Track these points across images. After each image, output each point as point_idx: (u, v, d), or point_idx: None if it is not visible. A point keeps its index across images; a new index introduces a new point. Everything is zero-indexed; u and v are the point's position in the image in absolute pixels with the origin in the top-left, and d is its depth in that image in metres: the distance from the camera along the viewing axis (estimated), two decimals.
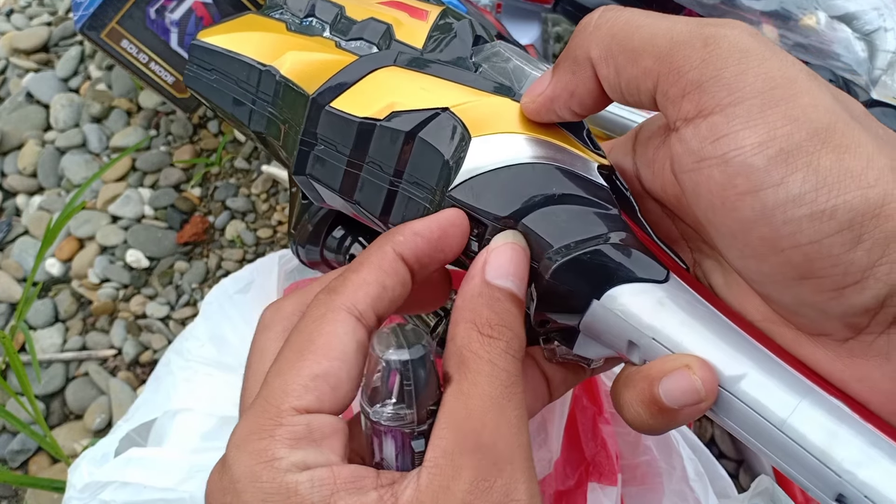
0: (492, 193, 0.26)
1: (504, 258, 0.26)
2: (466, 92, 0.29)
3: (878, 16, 0.47)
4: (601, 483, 0.40)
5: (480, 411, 0.24)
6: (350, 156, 0.29)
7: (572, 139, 0.28)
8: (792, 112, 0.22)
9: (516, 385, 0.24)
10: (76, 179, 0.68)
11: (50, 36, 0.77)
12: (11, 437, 0.58)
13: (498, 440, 0.23)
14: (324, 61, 0.31)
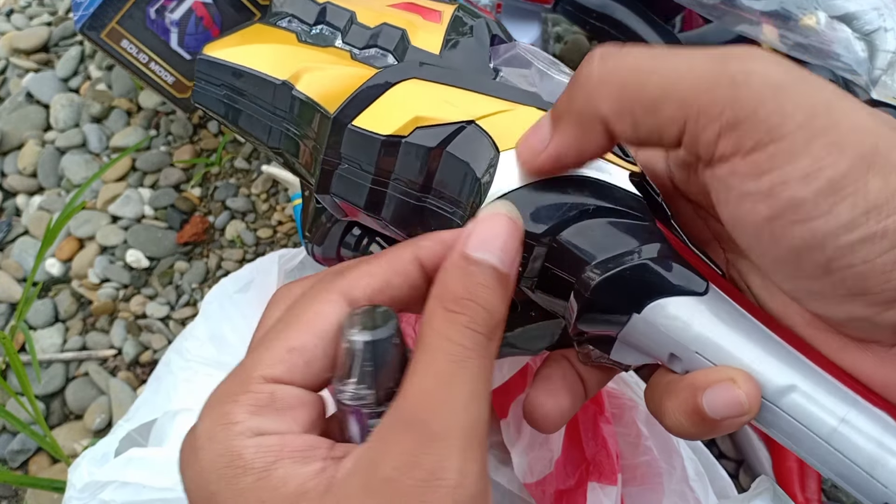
0: (524, 211, 0.26)
1: (489, 231, 0.25)
2: (491, 102, 0.28)
3: (878, 16, 0.47)
4: (601, 482, 0.40)
5: (423, 388, 0.23)
6: (375, 173, 0.29)
7: None
8: (834, 140, 0.22)
9: (470, 360, 0.24)
10: (76, 179, 0.68)
11: (50, 36, 0.77)
12: (11, 437, 0.58)
13: (435, 416, 0.23)
14: (341, 76, 0.30)
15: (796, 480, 0.49)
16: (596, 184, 0.26)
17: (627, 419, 0.42)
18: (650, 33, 0.54)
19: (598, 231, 0.26)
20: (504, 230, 0.25)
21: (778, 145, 0.22)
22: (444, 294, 0.25)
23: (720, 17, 0.50)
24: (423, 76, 0.29)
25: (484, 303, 0.24)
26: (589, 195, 0.26)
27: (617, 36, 0.56)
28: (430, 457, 0.22)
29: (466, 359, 0.23)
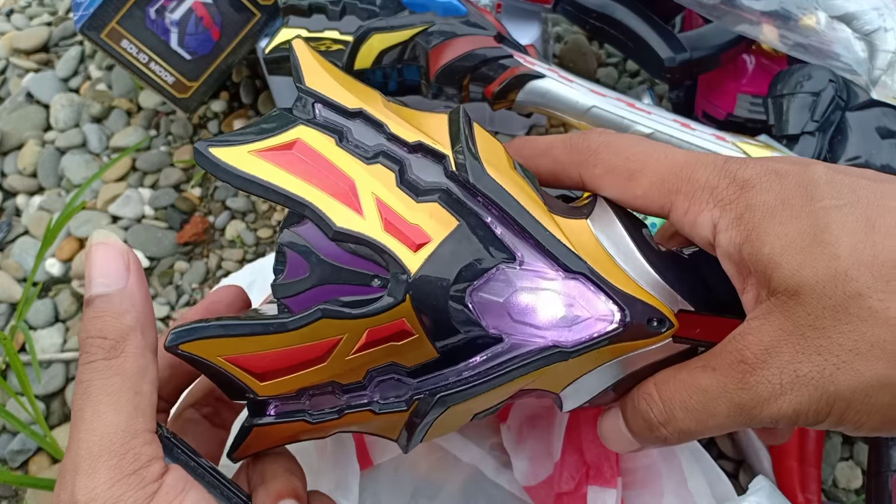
0: None
1: (89, 269, 0.28)
2: (526, 378, 0.31)
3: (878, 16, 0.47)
4: (601, 486, 0.40)
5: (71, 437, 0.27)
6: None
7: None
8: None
9: (92, 386, 0.27)
10: (76, 179, 0.68)
11: (50, 36, 0.77)
12: (11, 437, 0.58)
13: (67, 453, 0.26)
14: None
15: (796, 480, 0.49)
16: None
17: None
18: (650, 33, 0.54)
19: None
20: (98, 257, 0.29)
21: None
22: (80, 338, 0.28)
23: (720, 17, 0.50)
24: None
25: (96, 332, 0.27)
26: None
27: (617, 36, 0.56)
28: (64, 491, 0.26)
29: (87, 389, 0.27)
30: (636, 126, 0.49)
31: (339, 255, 0.29)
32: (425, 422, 0.31)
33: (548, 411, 0.43)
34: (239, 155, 0.29)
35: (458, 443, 0.45)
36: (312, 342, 0.29)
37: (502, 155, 0.33)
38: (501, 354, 0.30)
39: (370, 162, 0.31)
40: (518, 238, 0.30)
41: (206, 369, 0.30)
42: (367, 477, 0.44)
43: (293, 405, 0.31)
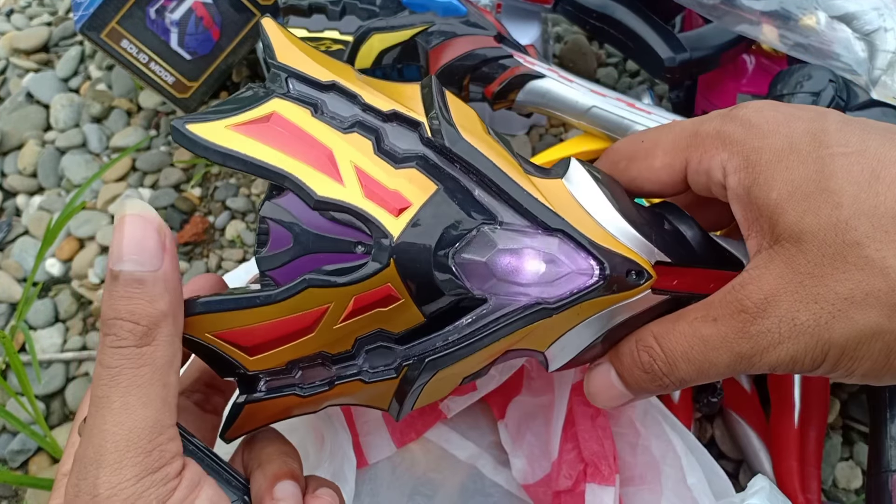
0: None
1: (121, 238, 0.26)
2: (512, 337, 0.31)
3: (878, 16, 0.47)
4: (599, 483, 0.40)
5: (88, 423, 0.26)
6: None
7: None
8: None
9: (120, 376, 0.25)
10: (76, 179, 0.68)
11: (50, 36, 0.77)
12: (11, 437, 0.58)
13: (90, 444, 0.25)
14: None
15: (796, 480, 0.49)
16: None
17: (625, 419, 0.42)
18: (650, 33, 0.54)
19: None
20: (133, 230, 0.27)
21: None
22: (101, 319, 0.26)
23: (720, 17, 0.50)
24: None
25: (128, 315, 0.26)
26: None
27: (617, 36, 0.56)
28: (86, 482, 0.25)
29: (115, 376, 0.25)
30: (636, 126, 0.49)
31: (321, 225, 0.29)
32: (415, 387, 0.31)
33: (546, 409, 0.43)
34: (216, 130, 0.29)
35: (456, 441, 0.45)
36: (299, 313, 0.29)
37: (476, 120, 0.33)
38: (487, 315, 0.30)
39: (346, 131, 0.31)
40: (496, 199, 0.31)
41: (196, 347, 0.29)
42: (365, 475, 0.44)
43: (283, 379, 0.31)
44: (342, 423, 0.40)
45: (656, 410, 0.41)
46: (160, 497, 0.25)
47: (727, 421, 0.53)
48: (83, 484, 0.25)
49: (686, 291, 0.32)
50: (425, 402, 0.33)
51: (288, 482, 0.30)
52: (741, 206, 0.30)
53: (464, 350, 0.30)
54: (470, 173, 0.31)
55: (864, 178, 0.27)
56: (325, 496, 0.31)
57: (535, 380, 0.43)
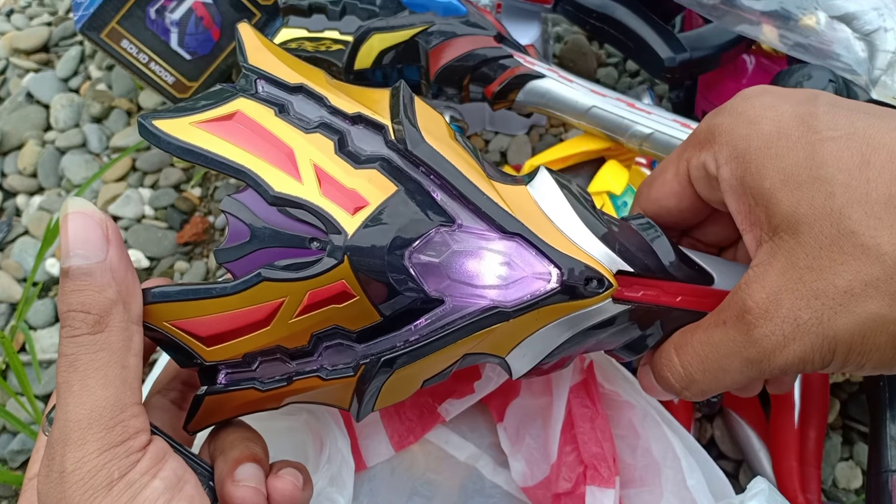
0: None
1: (65, 237, 0.28)
2: (470, 340, 0.32)
3: (878, 16, 0.47)
4: (599, 486, 0.40)
5: (58, 407, 0.27)
6: None
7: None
8: None
9: (78, 362, 0.27)
10: (76, 179, 0.68)
11: (50, 36, 0.77)
12: (11, 437, 0.58)
13: (55, 426, 0.26)
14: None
15: (796, 480, 0.49)
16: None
17: (625, 421, 0.42)
18: (650, 34, 0.54)
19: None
20: (76, 227, 0.28)
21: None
22: (59, 314, 0.28)
23: (720, 17, 0.50)
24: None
25: (79, 306, 0.27)
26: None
27: (617, 36, 0.55)
28: (53, 461, 0.26)
29: (73, 363, 0.27)
30: (636, 126, 0.49)
31: (278, 220, 0.30)
32: (372, 386, 0.31)
33: (544, 411, 0.43)
34: (180, 126, 0.30)
35: (455, 442, 0.45)
36: (255, 306, 0.29)
37: (442, 126, 0.33)
38: (444, 317, 0.30)
39: (309, 131, 0.31)
40: (457, 203, 0.31)
41: (154, 335, 0.30)
42: (364, 477, 0.44)
43: (243, 373, 0.31)
44: (341, 427, 0.40)
45: (656, 412, 0.41)
46: (122, 468, 0.26)
47: (727, 421, 0.53)
48: (53, 464, 0.26)
49: (651, 303, 0.33)
50: (386, 402, 0.33)
51: (249, 464, 0.31)
52: (735, 198, 0.30)
53: (421, 350, 0.30)
54: (431, 176, 0.31)
55: (855, 164, 0.26)
56: (287, 476, 0.31)
57: (534, 382, 0.43)
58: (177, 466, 0.28)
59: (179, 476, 0.28)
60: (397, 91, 0.33)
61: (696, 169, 0.32)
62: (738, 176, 0.29)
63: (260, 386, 0.31)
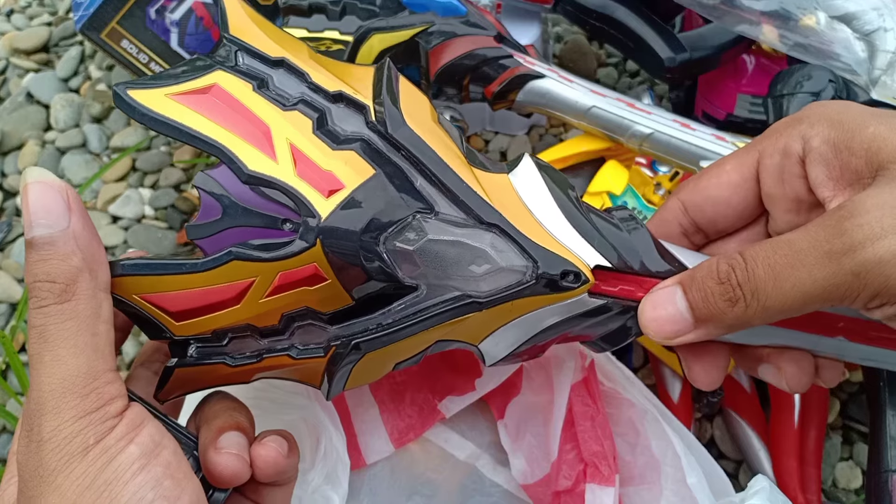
0: None
1: (27, 208, 0.28)
2: (442, 328, 0.31)
3: (878, 16, 0.47)
4: (599, 484, 0.40)
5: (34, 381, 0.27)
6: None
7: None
8: None
9: (47, 332, 0.27)
10: (76, 179, 0.68)
11: (50, 36, 0.77)
12: (11, 437, 0.58)
13: (29, 397, 0.27)
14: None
15: (796, 480, 0.49)
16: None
17: (625, 419, 0.42)
18: (650, 34, 0.54)
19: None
20: (37, 196, 0.27)
21: None
22: (27, 286, 0.28)
23: (720, 17, 0.50)
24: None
25: (44, 276, 0.27)
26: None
27: (617, 36, 0.56)
28: (31, 432, 0.26)
29: (42, 334, 0.27)
30: (636, 126, 0.49)
31: (252, 199, 0.30)
32: (343, 368, 0.31)
33: (545, 409, 0.43)
34: (155, 97, 0.30)
35: (455, 441, 0.45)
36: (224, 284, 0.29)
37: (426, 108, 0.33)
38: (417, 303, 0.30)
39: (287, 108, 0.31)
40: (435, 189, 0.31)
41: (124, 307, 0.30)
42: (364, 476, 0.44)
43: (213, 348, 0.31)
44: (337, 424, 0.40)
45: (656, 410, 0.41)
46: (98, 434, 0.26)
47: (727, 421, 0.53)
48: (31, 434, 0.26)
49: (627, 298, 0.32)
50: (357, 383, 0.33)
51: (232, 433, 0.31)
52: (824, 165, 0.30)
53: (393, 336, 0.30)
54: (411, 161, 0.31)
55: None
56: (270, 444, 0.31)
57: (535, 380, 0.43)
58: (154, 432, 0.28)
59: (157, 442, 0.28)
60: (381, 68, 0.33)
61: (771, 156, 0.32)
62: (833, 139, 0.29)
63: (230, 361, 0.31)
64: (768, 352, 0.34)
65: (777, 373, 0.34)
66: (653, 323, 0.31)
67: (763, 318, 0.29)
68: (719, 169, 0.34)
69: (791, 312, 0.28)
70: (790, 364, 0.33)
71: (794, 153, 0.31)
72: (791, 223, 0.33)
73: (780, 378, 0.34)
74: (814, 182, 0.30)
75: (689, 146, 0.48)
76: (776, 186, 0.32)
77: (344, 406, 0.43)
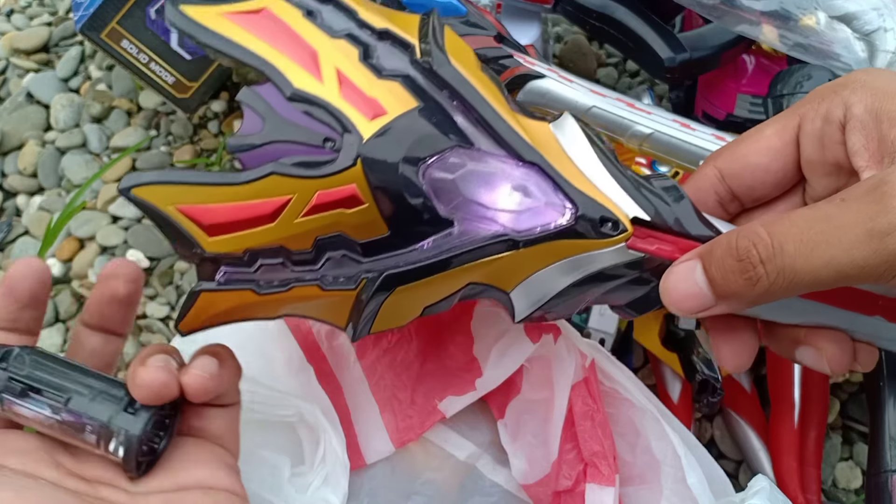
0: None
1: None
2: (476, 267, 0.31)
3: (878, 16, 0.47)
4: (599, 484, 0.40)
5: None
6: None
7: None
8: None
9: None
10: (76, 179, 0.68)
11: (50, 36, 0.77)
12: None
13: None
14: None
15: (796, 480, 0.49)
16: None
17: (625, 419, 0.42)
18: (650, 34, 0.54)
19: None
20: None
21: None
22: None
23: (720, 17, 0.50)
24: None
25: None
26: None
27: (617, 36, 0.56)
28: None
29: None
30: (636, 126, 0.49)
31: (295, 117, 0.30)
32: (372, 304, 0.31)
33: (545, 409, 0.43)
34: (208, 14, 0.30)
35: (455, 441, 0.45)
36: (261, 199, 0.29)
37: (471, 56, 0.33)
38: (452, 239, 0.30)
39: (335, 36, 0.31)
40: (477, 129, 0.31)
41: (157, 218, 0.29)
42: (363, 476, 0.44)
43: (243, 274, 0.31)
44: (336, 426, 0.40)
45: (656, 410, 0.41)
46: None
47: (727, 421, 0.53)
48: None
49: (665, 258, 0.31)
50: (383, 326, 0.32)
51: (160, 354, 0.31)
52: (864, 134, 0.29)
53: (425, 270, 0.30)
54: (454, 99, 0.31)
55: None
56: (199, 362, 0.32)
57: (535, 379, 0.43)
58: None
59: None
60: (427, 16, 0.33)
61: (812, 121, 0.31)
62: (875, 108, 0.29)
63: (257, 289, 0.31)
64: (805, 333, 0.33)
65: (817, 354, 0.32)
66: (673, 297, 0.30)
67: (788, 293, 0.28)
68: (758, 134, 0.33)
69: (818, 287, 0.27)
70: (830, 344, 0.32)
71: (835, 119, 0.30)
72: (829, 189, 0.32)
73: (821, 359, 0.32)
74: (851, 150, 0.30)
75: (689, 146, 0.48)
76: (816, 152, 0.32)
77: (344, 406, 0.43)
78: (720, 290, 0.29)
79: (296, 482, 0.39)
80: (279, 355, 0.43)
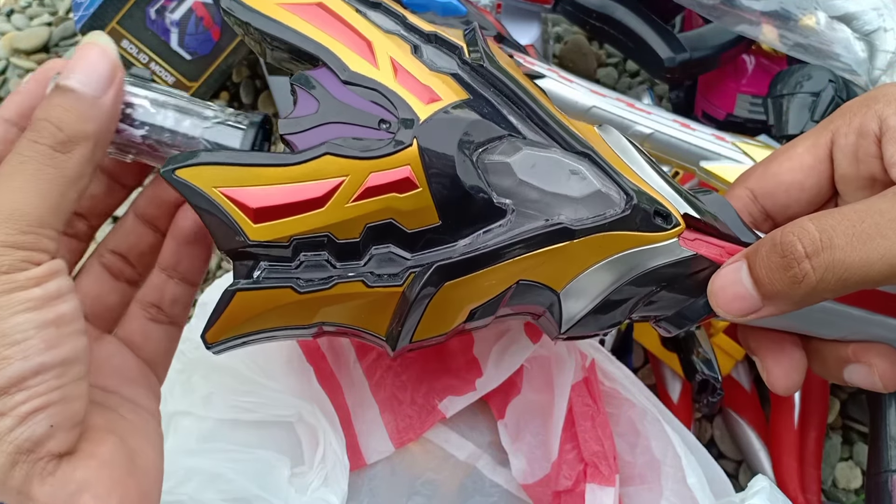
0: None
1: (77, 60, 0.28)
2: (528, 260, 0.30)
3: (877, 16, 0.47)
4: (599, 484, 0.40)
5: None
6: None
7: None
8: None
9: (26, 163, 0.26)
10: None
11: (50, 36, 0.77)
12: None
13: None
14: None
15: (797, 480, 0.49)
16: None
17: (625, 419, 0.42)
18: (650, 34, 0.54)
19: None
20: (90, 56, 0.28)
21: None
22: (30, 123, 0.27)
23: (720, 17, 0.50)
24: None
25: (55, 120, 0.27)
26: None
27: (617, 36, 0.56)
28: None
29: (23, 162, 0.26)
30: (636, 126, 0.49)
31: (350, 99, 0.30)
32: (418, 299, 0.29)
33: (545, 409, 0.43)
34: (265, 3, 0.31)
35: (455, 441, 0.45)
36: (314, 182, 0.28)
37: (513, 63, 0.34)
38: (506, 230, 0.29)
39: (387, 31, 0.32)
40: (526, 123, 0.31)
41: (200, 202, 0.28)
42: (364, 476, 0.44)
43: (284, 269, 0.29)
44: (336, 427, 0.40)
45: (656, 410, 0.41)
46: (10, 266, 0.25)
47: (727, 421, 0.53)
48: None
49: (713, 260, 0.30)
50: (426, 333, 0.31)
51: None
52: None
53: (476, 262, 0.29)
54: (503, 96, 0.31)
55: None
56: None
57: (535, 380, 0.43)
58: (63, 284, 0.27)
59: (61, 293, 0.27)
60: (472, 28, 0.33)
61: (846, 136, 0.31)
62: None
63: (297, 287, 0.29)
64: (853, 350, 0.32)
65: (868, 371, 0.32)
66: (721, 300, 0.30)
67: (836, 290, 0.27)
68: (790, 152, 0.33)
69: (868, 284, 0.27)
70: (881, 360, 0.32)
71: (870, 132, 0.30)
72: None
73: (873, 376, 0.32)
74: (888, 161, 0.29)
75: (689, 146, 0.48)
76: (851, 167, 0.31)
77: (344, 406, 0.43)
78: (765, 289, 0.28)
79: (295, 482, 0.39)
80: (279, 355, 0.43)
